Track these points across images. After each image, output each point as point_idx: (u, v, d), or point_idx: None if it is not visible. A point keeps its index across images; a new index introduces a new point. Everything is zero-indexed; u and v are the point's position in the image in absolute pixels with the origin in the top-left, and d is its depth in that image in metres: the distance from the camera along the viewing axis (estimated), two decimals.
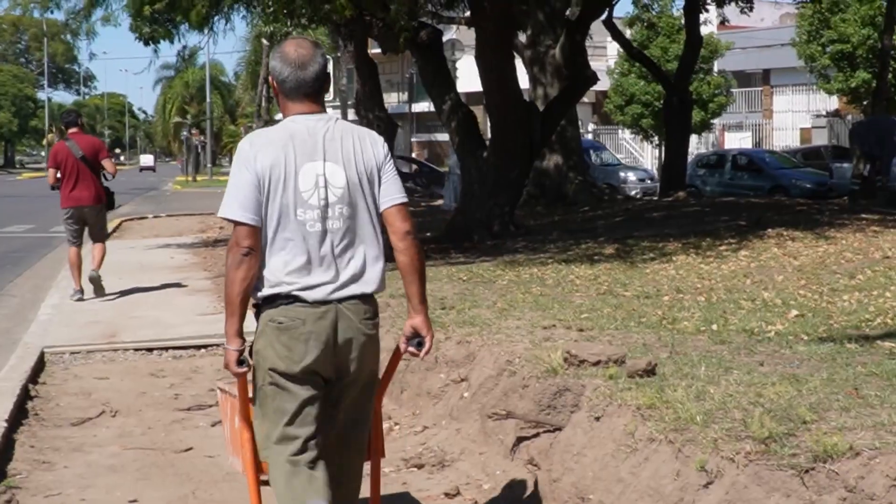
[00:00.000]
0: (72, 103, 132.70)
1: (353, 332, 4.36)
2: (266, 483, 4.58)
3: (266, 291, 4.35)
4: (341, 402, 4.46)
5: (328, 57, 32.00)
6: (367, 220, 4.41)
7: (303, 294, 4.30)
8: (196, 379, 9.38)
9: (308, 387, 4.35)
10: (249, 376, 4.49)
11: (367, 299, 4.41)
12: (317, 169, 4.32)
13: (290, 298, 4.31)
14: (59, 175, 13.32)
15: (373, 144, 4.48)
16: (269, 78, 4.56)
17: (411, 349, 4.58)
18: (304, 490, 4.29)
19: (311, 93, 4.42)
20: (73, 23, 16.80)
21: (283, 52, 4.45)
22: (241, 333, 4.38)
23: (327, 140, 4.37)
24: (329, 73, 4.54)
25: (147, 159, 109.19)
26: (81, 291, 13.43)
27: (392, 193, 4.48)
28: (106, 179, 13.66)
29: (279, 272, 4.31)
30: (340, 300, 4.33)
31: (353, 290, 4.35)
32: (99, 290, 13.41)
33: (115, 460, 6.93)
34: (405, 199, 4.53)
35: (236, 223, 4.27)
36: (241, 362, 4.41)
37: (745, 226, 15.00)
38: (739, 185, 31.06)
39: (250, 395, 4.54)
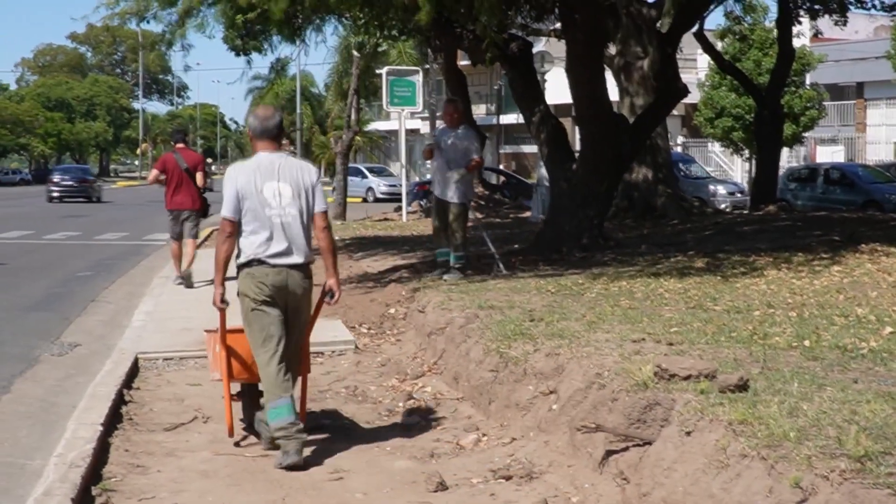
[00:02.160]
0: (165, 113, 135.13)
1: (296, 285, 7.09)
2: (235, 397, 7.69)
3: (243, 259, 7.07)
4: (292, 325, 7.15)
5: (418, 70, 32.22)
6: (303, 219, 7.11)
7: (269, 260, 7.01)
8: None
9: (273, 308, 7.04)
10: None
11: (303, 266, 7.13)
12: (273, 186, 7.04)
13: (259, 262, 7.02)
14: (161, 177, 15.84)
15: (308, 172, 7.24)
16: (247, 130, 7.44)
17: (326, 300, 7.34)
18: (277, 387, 6.98)
19: (272, 136, 7.22)
20: (168, 34, 17.03)
21: (255, 113, 7.37)
22: (223, 283, 7.07)
23: (280, 168, 7.10)
24: (283, 125, 7.41)
25: None
26: (181, 278, 15.54)
27: (318, 204, 7.21)
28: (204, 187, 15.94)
29: (252, 247, 7.03)
30: (290, 266, 7.05)
31: (296, 260, 7.07)
32: (189, 284, 15.40)
33: (207, 465, 7.03)
34: (325, 209, 7.30)
35: (224, 218, 7.02)
36: (224, 301, 7.08)
37: (837, 241, 14.78)
38: (832, 199, 30.66)
39: (230, 324, 7.33)
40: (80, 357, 10.89)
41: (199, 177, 15.74)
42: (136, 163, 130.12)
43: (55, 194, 52.93)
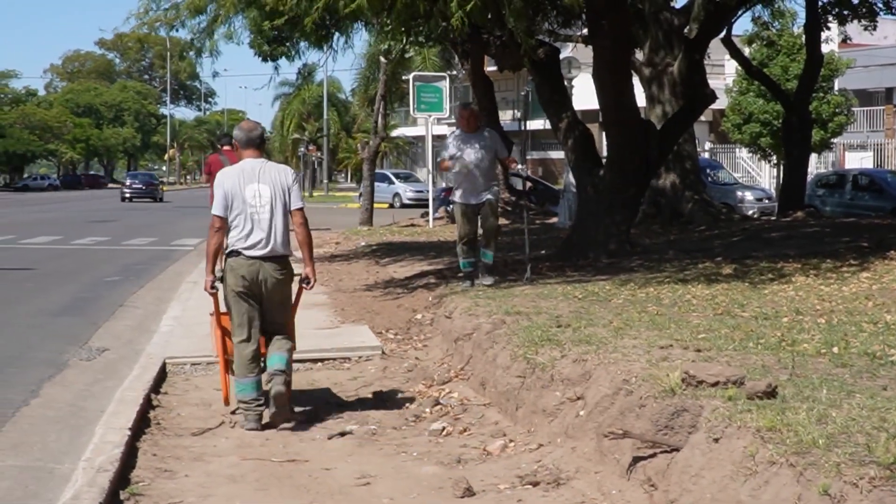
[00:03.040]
0: (193, 119, 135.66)
1: (268, 275, 8.15)
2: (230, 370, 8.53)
3: (229, 249, 8.21)
4: (269, 311, 8.24)
5: (445, 75, 32.26)
6: (281, 216, 8.19)
7: (244, 252, 8.13)
8: (312, 392, 9.49)
9: (248, 298, 8.16)
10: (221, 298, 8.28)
11: (278, 258, 8.19)
12: (254, 187, 8.16)
13: (238, 254, 8.15)
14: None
15: (285, 175, 8.35)
16: (234, 141, 8.58)
17: (304, 286, 8.44)
18: (245, 367, 8.16)
19: (255, 146, 8.38)
20: (197, 41, 17.11)
21: (240, 126, 8.57)
22: (213, 272, 8.20)
23: (260, 172, 8.22)
24: (264, 137, 8.65)
25: None
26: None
27: (294, 202, 8.27)
28: None
29: (234, 239, 8.16)
30: (263, 258, 8.13)
31: (270, 252, 8.14)
32: None
33: (234, 470, 7.05)
34: (301, 206, 8.35)
35: (213, 215, 8.17)
36: (213, 287, 8.21)
37: (866, 247, 14.69)
38: (860, 205, 30.46)
39: (222, 308, 8.36)
40: (108, 362, 10.93)
41: None
42: (164, 168, 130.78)
43: (127, 195, 64.61)
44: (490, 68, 32.25)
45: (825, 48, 29.93)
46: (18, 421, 8.30)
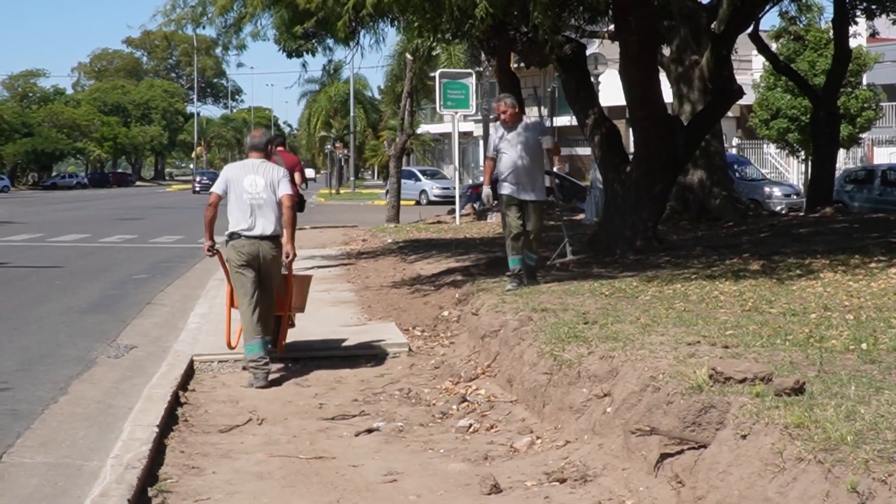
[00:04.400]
0: (219, 117, 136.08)
1: (265, 252, 9.72)
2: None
3: (227, 233, 9.78)
4: (267, 278, 9.81)
5: (471, 72, 32.20)
6: (273, 202, 9.77)
7: (244, 233, 9.70)
8: (340, 389, 9.51)
9: (249, 270, 9.71)
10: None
11: (271, 238, 9.75)
12: (251, 178, 9.78)
13: (238, 235, 9.72)
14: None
15: (277, 171, 9.88)
16: (245, 147, 10.46)
17: (284, 260, 9.89)
18: (252, 330, 9.69)
19: (259, 149, 10.02)
20: (224, 38, 17.15)
21: (251, 134, 10.31)
22: (211, 237, 9.84)
23: (259, 168, 9.85)
24: (267, 143, 10.21)
25: (309, 172, 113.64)
26: None
27: (282, 190, 9.78)
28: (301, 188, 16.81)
29: (233, 223, 9.75)
30: (260, 237, 9.70)
31: (264, 233, 9.71)
32: None
33: (261, 467, 7.07)
34: (289, 193, 9.89)
35: (212, 192, 9.85)
36: (210, 250, 9.89)
37: (895, 243, 14.60)
38: (889, 200, 30.25)
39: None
40: (135, 359, 10.99)
41: (297, 176, 15.83)
42: (192, 166, 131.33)
43: (197, 188, 79.51)
44: (517, 64, 32.18)
45: (853, 43, 29.77)
46: (47, 418, 8.35)
